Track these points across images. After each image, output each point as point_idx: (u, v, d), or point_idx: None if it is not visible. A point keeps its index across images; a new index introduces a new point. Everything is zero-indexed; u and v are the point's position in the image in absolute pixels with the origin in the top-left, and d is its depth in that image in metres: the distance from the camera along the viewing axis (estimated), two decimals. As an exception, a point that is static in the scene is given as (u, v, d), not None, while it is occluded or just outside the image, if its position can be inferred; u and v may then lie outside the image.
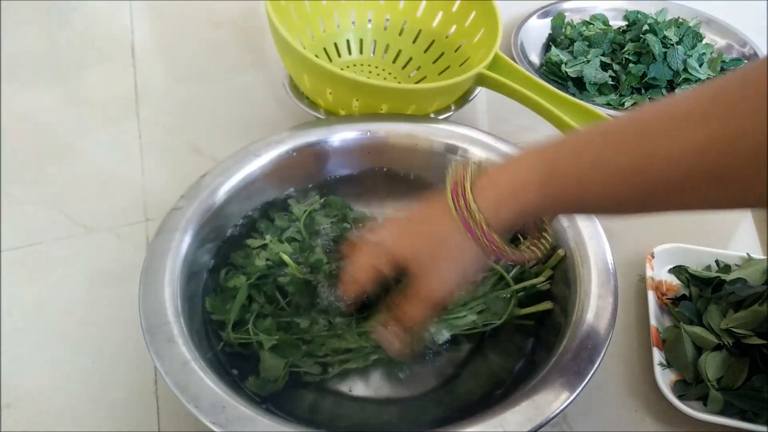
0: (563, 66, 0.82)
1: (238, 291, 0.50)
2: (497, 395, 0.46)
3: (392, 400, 0.48)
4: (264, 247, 0.54)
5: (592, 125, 0.39)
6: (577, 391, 0.41)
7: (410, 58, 0.77)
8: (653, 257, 0.59)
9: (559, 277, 0.52)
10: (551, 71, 0.83)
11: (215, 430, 0.38)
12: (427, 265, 0.42)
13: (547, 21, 0.91)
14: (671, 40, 0.82)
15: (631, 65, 0.81)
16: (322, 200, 0.59)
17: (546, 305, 0.51)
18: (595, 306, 0.46)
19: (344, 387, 0.49)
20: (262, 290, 0.51)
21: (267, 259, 0.52)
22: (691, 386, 0.50)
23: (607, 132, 0.37)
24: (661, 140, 0.33)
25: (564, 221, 0.53)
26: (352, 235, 0.53)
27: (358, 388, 0.49)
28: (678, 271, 0.59)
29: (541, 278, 0.52)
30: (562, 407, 0.41)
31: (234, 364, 0.48)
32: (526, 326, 0.52)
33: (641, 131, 0.35)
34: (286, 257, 0.52)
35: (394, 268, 0.44)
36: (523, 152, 0.41)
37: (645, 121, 0.35)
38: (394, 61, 0.78)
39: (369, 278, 0.44)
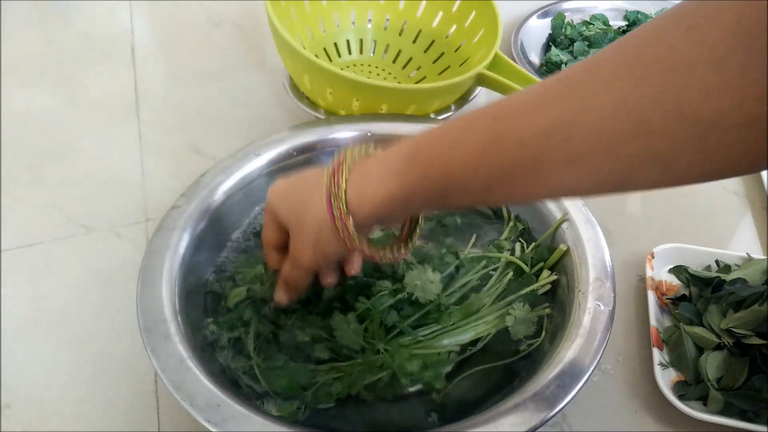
0: (563, 66, 0.82)
1: (240, 309, 0.50)
2: (493, 397, 0.46)
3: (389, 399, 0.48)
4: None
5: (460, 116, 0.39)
6: (573, 394, 0.41)
7: (410, 58, 0.77)
8: (653, 257, 0.59)
9: (556, 278, 0.52)
10: (551, 71, 0.83)
11: (210, 428, 0.38)
12: (296, 231, 0.44)
13: (547, 21, 0.91)
14: (671, 40, 0.82)
15: (631, 65, 0.81)
16: None
17: (544, 310, 0.51)
18: (592, 308, 0.46)
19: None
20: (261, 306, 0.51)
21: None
22: (691, 386, 0.50)
23: (467, 117, 0.37)
24: (510, 122, 0.34)
25: (564, 224, 0.53)
26: None
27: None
28: (678, 271, 0.59)
29: (542, 282, 0.52)
30: (557, 409, 0.40)
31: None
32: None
33: (494, 114, 0.35)
34: None
35: (281, 228, 0.45)
36: (400, 142, 0.41)
37: (499, 106, 0.36)
38: (394, 61, 0.78)
39: (270, 237, 0.47)
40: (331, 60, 0.76)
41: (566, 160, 0.32)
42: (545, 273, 0.52)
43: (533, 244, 0.55)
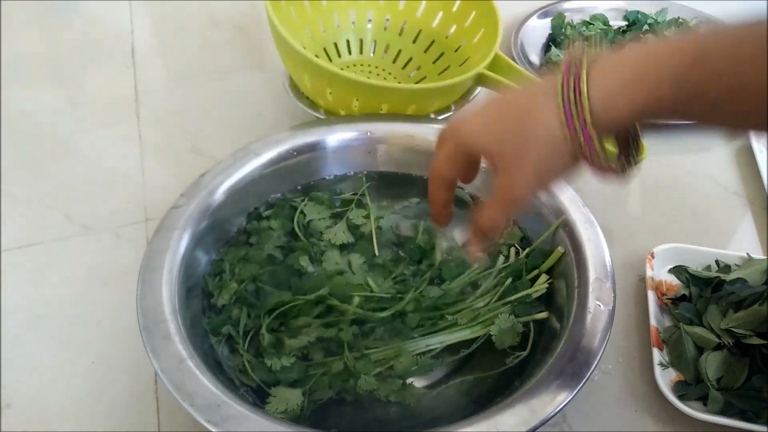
0: (563, 66, 0.82)
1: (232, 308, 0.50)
2: (492, 398, 0.46)
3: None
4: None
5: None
6: (573, 394, 0.41)
7: (410, 58, 0.77)
8: (653, 257, 0.59)
9: (556, 279, 0.52)
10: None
11: (210, 428, 0.38)
12: (511, 160, 0.37)
13: (547, 21, 0.91)
14: (671, 40, 0.82)
15: (631, 65, 0.81)
16: (306, 198, 0.59)
17: (541, 315, 0.51)
18: (592, 308, 0.46)
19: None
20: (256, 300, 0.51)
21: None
22: (691, 386, 0.50)
23: (745, 22, 0.32)
24: None
25: (563, 224, 0.53)
26: None
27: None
28: (678, 271, 0.59)
29: (537, 287, 0.52)
30: (557, 409, 0.40)
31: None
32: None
33: None
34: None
35: (475, 161, 0.40)
36: (651, 42, 0.35)
37: None
38: (394, 61, 0.78)
39: (452, 169, 0.41)
40: (331, 60, 0.76)
41: None
42: (543, 277, 0.52)
43: (527, 249, 0.55)
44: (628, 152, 0.39)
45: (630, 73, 0.34)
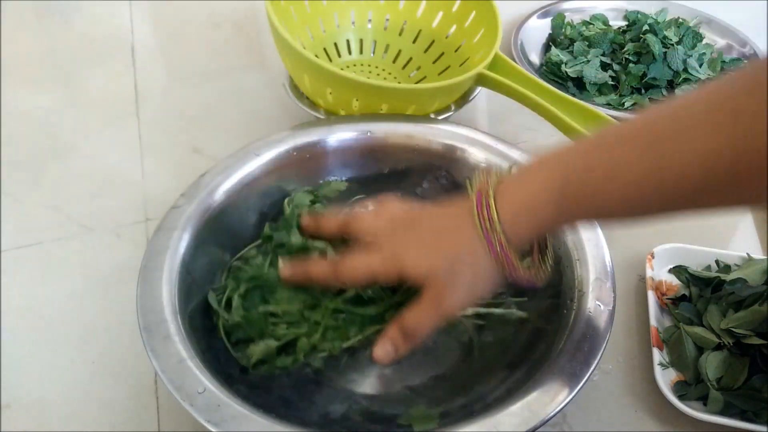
0: (563, 66, 0.82)
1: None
2: (491, 396, 0.46)
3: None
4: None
5: (599, 132, 0.39)
6: (573, 393, 0.41)
7: (410, 58, 0.77)
8: (653, 257, 0.59)
9: (556, 278, 0.52)
10: (551, 71, 0.83)
11: (210, 428, 0.38)
12: (445, 283, 0.41)
13: (547, 21, 0.91)
14: (671, 40, 0.82)
15: (631, 65, 0.81)
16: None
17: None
18: (592, 308, 0.46)
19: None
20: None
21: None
22: (691, 386, 0.50)
23: (615, 142, 0.37)
24: (672, 147, 0.33)
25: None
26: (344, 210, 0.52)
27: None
28: (678, 271, 0.59)
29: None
30: (557, 409, 0.40)
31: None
32: (524, 328, 0.51)
33: (651, 140, 0.35)
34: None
35: (399, 279, 0.42)
36: (536, 162, 0.40)
37: (653, 128, 0.35)
38: (394, 61, 0.78)
39: (367, 281, 0.44)
40: (331, 60, 0.76)
41: (734, 179, 0.31)
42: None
43: None
44: (541, 257, 0.44)
45: (521, 203, 0.39)
